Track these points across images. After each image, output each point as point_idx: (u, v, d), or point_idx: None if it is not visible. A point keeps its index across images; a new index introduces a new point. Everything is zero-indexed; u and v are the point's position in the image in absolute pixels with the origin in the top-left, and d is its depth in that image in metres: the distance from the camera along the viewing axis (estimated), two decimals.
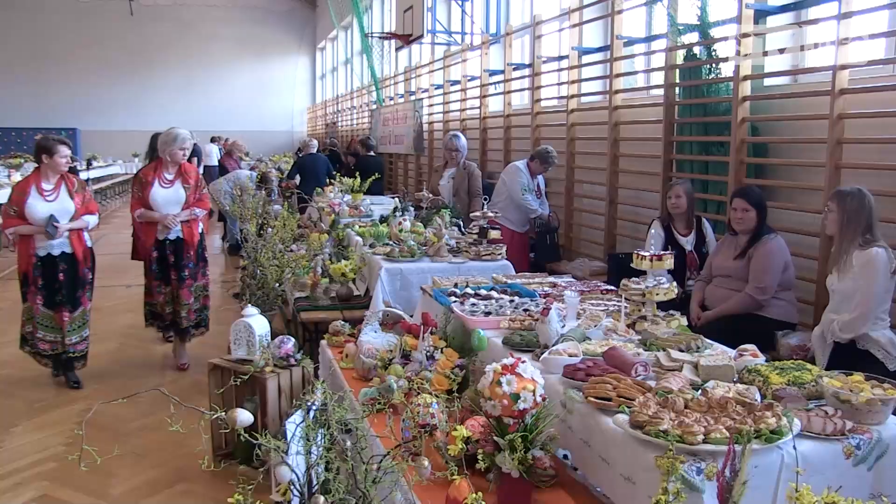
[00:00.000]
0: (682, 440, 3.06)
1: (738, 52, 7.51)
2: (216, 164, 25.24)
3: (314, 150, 16.28)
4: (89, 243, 7.68)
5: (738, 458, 2.62)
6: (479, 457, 3.51)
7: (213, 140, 27.33)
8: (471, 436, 3.47)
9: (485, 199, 8.34)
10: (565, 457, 4.06)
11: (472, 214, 8.10)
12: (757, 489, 2.92)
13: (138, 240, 8.26)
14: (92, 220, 7.63)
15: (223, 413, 2.89)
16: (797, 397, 3.60)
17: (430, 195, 9.87)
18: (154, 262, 7.93)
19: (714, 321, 6.11)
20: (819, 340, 5.33)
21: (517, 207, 10.00)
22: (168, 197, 7.80)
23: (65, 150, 7.31)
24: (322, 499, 2.94)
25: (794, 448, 2.96)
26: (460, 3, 16.83)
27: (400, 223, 8.69)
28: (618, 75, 10.04)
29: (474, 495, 2.78)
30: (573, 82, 11.23)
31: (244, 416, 2.97)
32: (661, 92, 9.13)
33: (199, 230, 8.12)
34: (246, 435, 2.88)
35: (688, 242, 7.11)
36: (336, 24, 32.20)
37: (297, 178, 14.98)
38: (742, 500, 2.66)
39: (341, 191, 11.72)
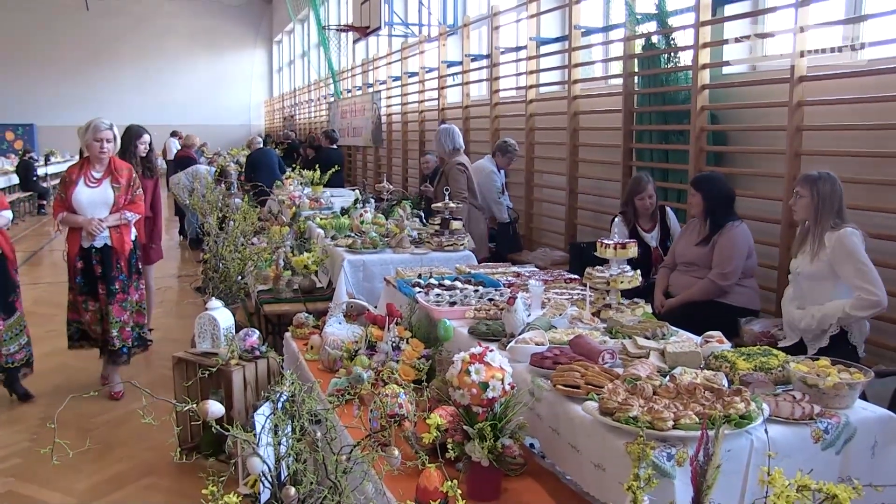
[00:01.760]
0: (652, 426, 3.06)
1: (696, 42, 7.55)
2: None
3: (261, 145, 16.31)
4: None
5: (710, 442, 2.63)
6: (449, 446, 3.50)
7: (173, 134, 27.22)
8: (441, 424, 3.46)
9: (446, 190, 8.31)
10: (531, 446, 4.06)
11: (433, 206, 8.07)
12: (727, 474, 2.92)
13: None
14: (8, 214, 6.97)
15: (194, 405, 2.86)
16: (764, 382, 3.62)
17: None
18: (79, 273, 6.94)
19: (677, 308, 6.13)
20: (800, 328, 5.22)
21: (483, 201, 10.03)
22: (93, 198, 6.84)
23: None
24: (293, 490, 2.92)
25: (766, 432, 2.97)
26: None
27: (361, 215, 8.66)
28: (576, 65, 10.06)
29: (450, 483, 2.77)
30: (531, 73, 11.23)
31: (215, 408, 2.95)
32: (619, 81, 9.16)
33: (133, 237, 7.15)
34: (217, 427, 2.86)
35: (652, 238, 7.10)
36: (292, 17, 32.08)
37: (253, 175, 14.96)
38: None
39: (301, 183, 11.68)
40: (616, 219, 7.21)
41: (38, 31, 37.02)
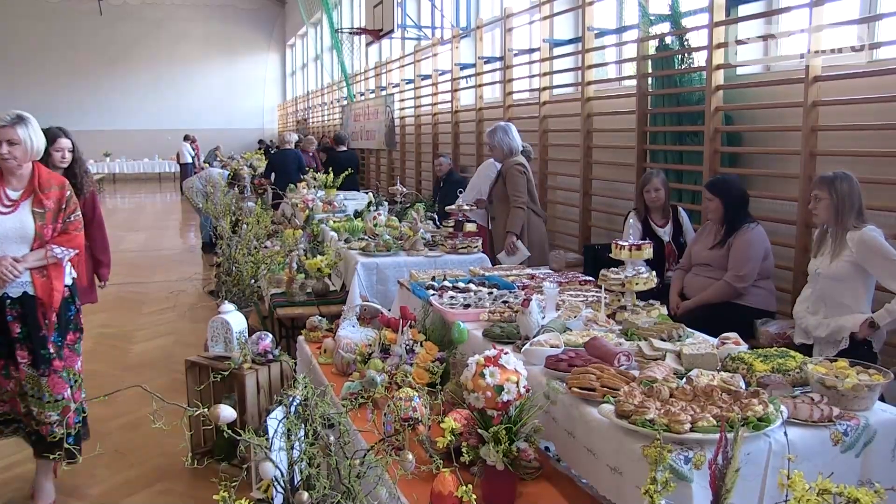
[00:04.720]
0: (669, 429, 3.02)
1: (710, 42, 7.51)
2: (190, 161, 25.56)
3: (290, 146, 16.21)
4: None
5: (729, 445, 2.59)
6: (463, 450, 3.46)
7: (185, 138, 27.40)
8: (455, 428, 3.43)
9: (460, 192, 8.26)
10: (547, 449, 4.03)
11: (447, 208, 8.03)
12: (745, 478, 2.88)
13: None
14: None
15: (205, 410, 2.84)
16: (782, 384, 3.58)
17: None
18: None
19: (693, 310, 6.08)
20: (813, 335, 5.21)
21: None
22: (5, 228, 4.68)
23: None
24: (306, 495, 2.90)
25: (785, 434, 2.93)
26: None
27: (375, 218, 8.64)
28: (590, 67, 10.03)
29: (464, 487, 2.74)
30: (545, 74, 11.21)
31: (227, 412, 2.92)
32: (633, 83, 9.13)
33: (70, 280, 5.06)
34: (229, 431, 2.84)
35: (665, 233, 7.07)
36: (306, 21, 32.13)
37: (272, 176, 14.90)
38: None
39: (314, 187, 11.69)
40: (630, 218, 7.19)
41: (52, 37, 37.24)
